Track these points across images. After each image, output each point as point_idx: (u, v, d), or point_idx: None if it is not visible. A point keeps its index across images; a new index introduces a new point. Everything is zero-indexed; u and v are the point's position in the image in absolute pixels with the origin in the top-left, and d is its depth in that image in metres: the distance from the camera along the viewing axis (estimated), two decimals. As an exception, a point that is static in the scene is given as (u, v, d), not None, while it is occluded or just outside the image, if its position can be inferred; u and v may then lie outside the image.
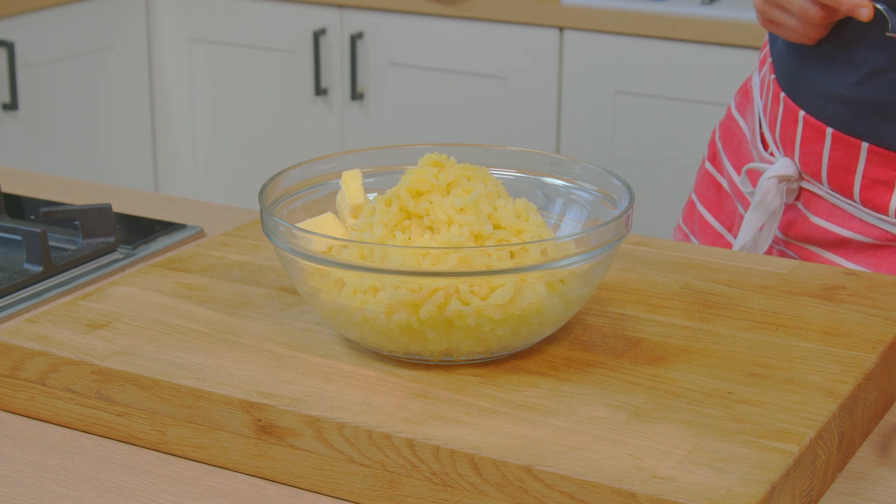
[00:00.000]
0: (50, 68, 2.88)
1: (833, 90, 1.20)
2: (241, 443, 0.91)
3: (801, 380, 0.92)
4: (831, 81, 1.21)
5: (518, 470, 0.83)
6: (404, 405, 0.89)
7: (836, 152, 1.21)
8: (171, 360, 0.95)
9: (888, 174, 1.19)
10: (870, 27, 1.16)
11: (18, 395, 0.99)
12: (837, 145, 1.21)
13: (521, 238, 0.95)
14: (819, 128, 1.22)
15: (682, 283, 1.08)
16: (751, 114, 1.36)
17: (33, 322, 1.01)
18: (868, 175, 1.20)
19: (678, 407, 0.89)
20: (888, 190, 1.20)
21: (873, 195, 1.21)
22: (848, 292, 1.06)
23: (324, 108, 2.98)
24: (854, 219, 1.23)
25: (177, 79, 3.14)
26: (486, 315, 0.91)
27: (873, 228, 1.22)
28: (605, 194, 1.03)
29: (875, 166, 1.20)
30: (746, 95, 1.39)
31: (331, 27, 2.93)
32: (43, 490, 0.89)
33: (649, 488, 0.80)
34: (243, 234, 1.17)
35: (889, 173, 1.19)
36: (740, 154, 1.36)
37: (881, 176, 1.20)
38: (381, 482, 0.87)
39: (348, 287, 0.93)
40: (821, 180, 1.24)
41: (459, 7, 2.76)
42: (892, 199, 1.20)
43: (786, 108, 1.25)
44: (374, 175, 1.07)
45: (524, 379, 0.93)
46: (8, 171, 1.53)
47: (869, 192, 1.21)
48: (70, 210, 1.27)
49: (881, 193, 1.20)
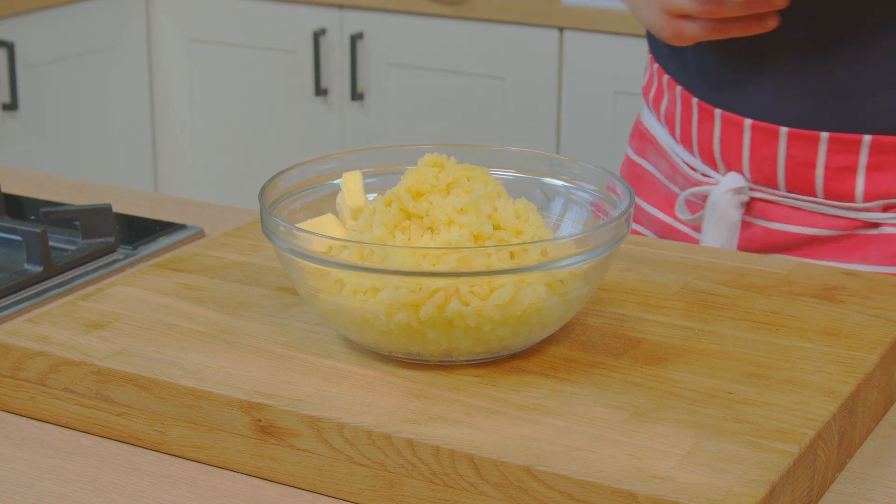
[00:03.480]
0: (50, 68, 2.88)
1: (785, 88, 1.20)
2: (241, 443, 0.91)
3: (801, 380, 0.92)
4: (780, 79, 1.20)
5: (518, 470, 0.83)
6: (404, 405, 0.89)
7: (793, 150, 1.21)
8: (171, 360, 0.95)
9: (850, 159, 1.19)
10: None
11: (18, 395, 0.99)
12: (794, 143, 1.21)
13: (521, 238, 0.95)
14: (772, 130, 1.22)
15: (682, 283, 1.08)
16: (654, 153, 1.35)
17: (33, 322, 1.01)
18: (830, 165, 1.20)
19: (678, 407, 0.89)
20: (851, 175, 1.20)
21: (837, 184, 1.21)
22: (848, 292, 1.06)
23: (324, 108, 2.98)
24: (816, 215, 1.23)
25: (177, 79, 3.15)
26: (486, 315, 0.91)
27: (837, 220, 1.22)
28: (605, 194, 1.03)
29: (836, 154, 1.19)
30: (643, 138, 1.38)
31: (331, 27, 2.93)
32: (43, 490, 0.89)
33: (649, 488, 0.80)
34: (243, 234, 1.17)
35: (851, 158, 1.19)
36: (655, 193, 1.35)
37: (843, 163, 1.20)
38: (381, 482, 0.87)
39: (348, 287, 0.93)
40: (776, 184, 1.23)
41: (459, 7, 2.76)
42: (856, 184, 1.20)
43: (726, 123, 1.24)
44: (374, 175, 1.07)
45: (524, 379, 0.93)
46: (8, 171, 1.53)
47: (833, 182, 1.21)
48: (70, 210, 1.27)
49: (845, 181, 1.20)
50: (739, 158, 1.24)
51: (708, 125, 1.26)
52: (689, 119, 1.28)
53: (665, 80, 1.32)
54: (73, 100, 2.96)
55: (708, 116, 1.26)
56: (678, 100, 1.30)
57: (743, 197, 1.25)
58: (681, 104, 1.29)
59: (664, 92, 1.32)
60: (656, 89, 1.34)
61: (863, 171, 1.20)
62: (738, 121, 1.23)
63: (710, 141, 1.26)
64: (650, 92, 1.36)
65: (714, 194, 1.25)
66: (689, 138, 1.29)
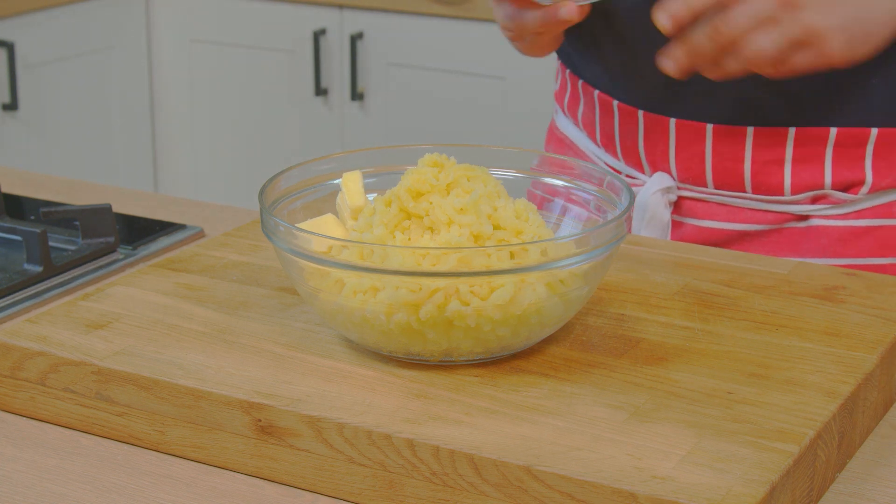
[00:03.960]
0: (50, 68, 2.88)
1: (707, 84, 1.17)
2: (241, 443, 0.91)
3: (801, 380, 0.92)
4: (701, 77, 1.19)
5: (518, 470, 0.83)
6: (404, 405, 0.89)
7: (719, 146, 1.21)
8: (171, 360, 0.95)
9: (777, 152, 1.19)
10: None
11: (18, 395, 0.99)
12: (720, 139, 1.20)
13: (521, 238, 0.95)
14: (697, 128, 1.21)
15: (682, 283, 1.08)
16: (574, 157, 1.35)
17: (33, 322, 1.01)
18: (757, 159, 1.20)
19: (678, 407, 0.89)
20: (779, 168, 1.20)
21: (765, 178, 1.20)
22: (848, 292, 1.06)
23: (324, 108, 2.98)
24: (745, 210, 1.23)
25: (177, 79, 3.15)
26: (486, 315, 0.91)
27: (767, 214, 1.22)
28: (605, 194, 1.03)
29: (763, 148, 1.19)
30: (561, 143, 1.37)
31: (331, 27, 2.93)
32: (43, 490, 0.89)
33: (649, 488, 0.80)
34: (243, 234, 1.17)
35: (778, 151, 1.19)
36: None
37: (770, 156, 1.20)
38: (381, 482, 0.87)
39: (348, 287, 0.93)
40: (705, 182, 1.23)
41: (459, 7, 2.76)
42: (784, 176, 1.20)
43: (649, 123, 1.24)
44: (374, 175, 1.07)
45: (524, 379, 0.93)
46: (8, 171, 1.53)
47: (760, 175, 1.20)
48: (70, 210, 1.27)
49: (773, 173, 1.20)
50: (666, 158, 1.24)
51: (631, 127, 1.25)
52: (611, 122, 1.27)
53: (580, 84, 1.31)
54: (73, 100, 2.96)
55: (630, 118, 1.25)
56: (597, 103, 1.29)
57: (671, 196, 1.25)
58: (599, 108, 1.28)
59: (580, 97, 1.32)
60: (570, 94, 1.33)
61: (789, 163, 1.19)
62: (663, 120, 1.23)
63: (634, 142, 1.26)
64: (564, 98, 1.35)
65: (642, 195, 1.25)
66: (611, 141, 1.28)
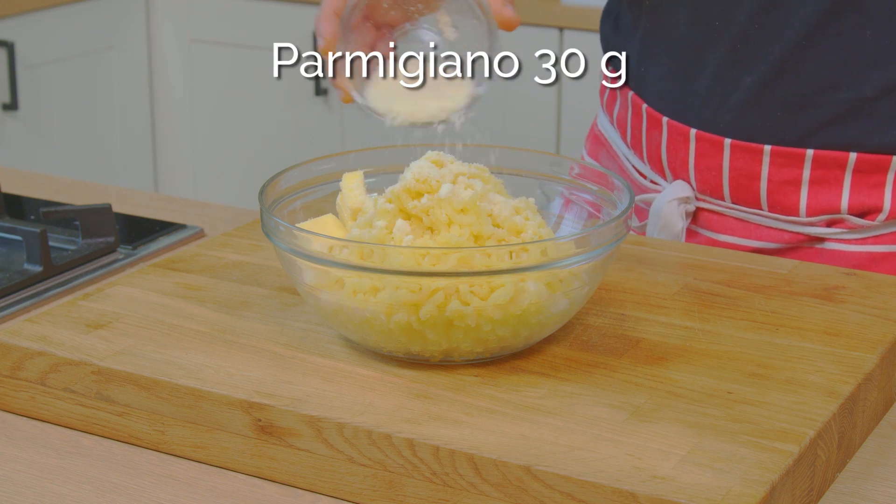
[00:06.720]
0: (50, 68, 2.88)
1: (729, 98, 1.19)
2: (241, 443, 0.91)
3: (801, 380, 0.92)
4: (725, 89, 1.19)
5: (518, 470, 0.83)
6: (404, 405, 0.89)
7: (736, 162, 1.20)
8: (171, 360, 0.95)
9: (794, 173, 1.18)
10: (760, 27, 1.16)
11: (18, 395, 0.99)
12: (737, 154, 1.20)
13: (521, 238, 0.95)
14: (715, 141, 1.21)
15: (682, 283, 1.08)
16: (607, 157, 1.34)
17: (33, 322, 1.01)
18: (774, 178, 1.19)
19: (678, 407, 0.89)
20: (795, 190, 1.19)
21: (781, 198, 1.19)
22: (848, 292, 1.06)
23: (324, 108, 2.98)
24: (761, 228, 1.22)
25: (177, 79, 3.14)
26: (486, 315, 0.91)
27: (782, 233, 1.21)
28: (605, 194, 1.03)
29: (780, 167, 1.18)
30: (597, 141, 1.37)
31: (331, 27, 2.92)
32: (43, 490, 0.89)
33: (649, 488, 0.80)
34: (243, 234, 1.17)
35: (795, 172, 1.18)
36: None
37: (787, 176, 1.18)
38: (381, 482, 0.87)
39: (348, 287, 0.93)
40: (722, 195, 1.22)
41: (459, 7, 2.75)
42: (800, 198, 1.19)
43: (672, 131, 1.23)
44: (375, 175, 1.07)
45: (524, 379, 0.93)
46: (8, 171, 1.53)
47: (777, 195, 1.19)
48: (70, 210, 1.27)
49: (789, 194, 1.19)
50: (686, 167, 1.23)
51: (656, 132, 1.25)
52: (640, 125, 1.27)
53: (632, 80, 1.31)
54: (73, 100, 2.95)
55: (656, 124, 1.25)
56: (629, 105, 1.29)
57: (689, 206, 1.24)
58: (632, 110, 1.28)
59: (617, 96, 1.32)
60: (609, 93, 1.34)
61: (806, 185, 1.18)
62: (684, 130, 1.22)
63: (658, 148, 1.25)
64: (605, 94, 1.35)
65: (658, 202, 1.24)
66: (639, 144, 1.28)
